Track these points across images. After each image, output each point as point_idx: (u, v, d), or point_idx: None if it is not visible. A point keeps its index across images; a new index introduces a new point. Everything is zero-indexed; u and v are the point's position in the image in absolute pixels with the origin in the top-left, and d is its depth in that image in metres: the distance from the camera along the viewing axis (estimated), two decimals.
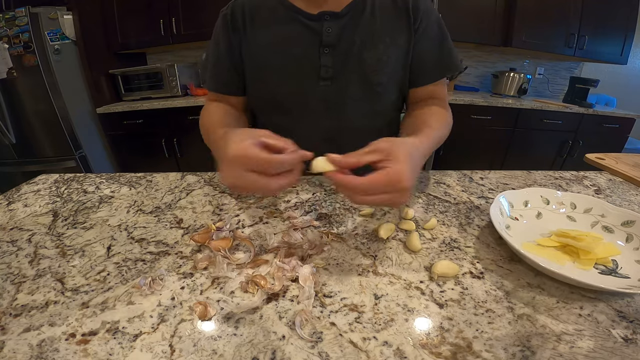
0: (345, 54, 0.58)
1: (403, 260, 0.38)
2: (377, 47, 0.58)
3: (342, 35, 0.57)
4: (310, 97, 0.61)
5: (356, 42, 0.58)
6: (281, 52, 0.59)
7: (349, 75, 0.59)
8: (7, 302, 0.32)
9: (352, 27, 0.58)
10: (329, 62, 0.58)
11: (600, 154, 0.75)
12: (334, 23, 0.57)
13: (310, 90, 0.60)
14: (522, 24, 2.15)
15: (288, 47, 0.59)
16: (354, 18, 0.58)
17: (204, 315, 0.29)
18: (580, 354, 0.26)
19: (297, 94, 0.61)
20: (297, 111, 0.63)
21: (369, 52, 0.58)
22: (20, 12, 1.75)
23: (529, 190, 0.48)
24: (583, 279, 0.30)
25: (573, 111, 2.08)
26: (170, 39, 2.16)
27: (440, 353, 0.26)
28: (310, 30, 0.58)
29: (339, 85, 0.60)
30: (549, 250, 0.39)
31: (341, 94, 0.60)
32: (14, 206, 0.53)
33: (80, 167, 2.10)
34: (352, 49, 0.58)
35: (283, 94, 0.62)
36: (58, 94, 1.92)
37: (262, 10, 0.60)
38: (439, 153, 2.15)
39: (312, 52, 0.58)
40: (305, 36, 0.58)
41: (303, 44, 0.58)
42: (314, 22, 0.57)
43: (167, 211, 0.50)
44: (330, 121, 0.62)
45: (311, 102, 0.61)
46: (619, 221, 0.42)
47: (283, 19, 0.59)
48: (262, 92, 0.64)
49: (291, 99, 0.62)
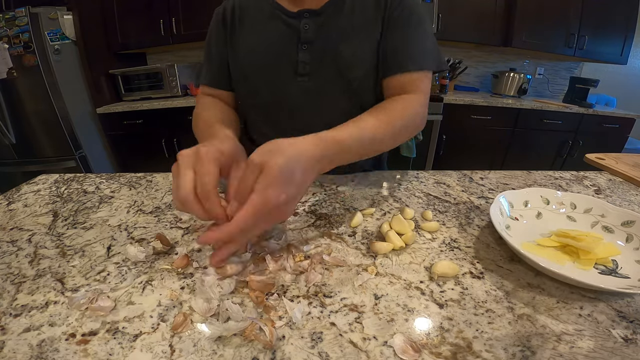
0: (322, 50, 0.59)
1: (403, 260, 0.38)
2: (352, 42, 0.58)
3: (320, 31, 0.59)
4: (288, 93, 0.62)
5: (332, 38, 0.58)
6: (262, 50, 0.61)
7: (325, 71, 0.60)
8: (7, 302, 0.32)
9: (329, 24, 0.59)
10: (306, 58, 0.59)
11: (600, 154, 0.75)
12: (312, 20, 0.59)
13: (288, 86, 0.61)
14: (522, 24, 2.16)
15: (269, 44, 0.61)
16: (332, 15, 0.59)
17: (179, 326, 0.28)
18: (580, 354, 0.26)
19: (276, 90, 0.63)
20: (276, 107, 0.65)
21: (344, 47, 0.58)
22: (20, 12, 1.75)
23: (529, 190, 0.48)
24: (583, 279, 0.30)
25: (573, 111, 2.08)
26: (170, 39, 2.16)
27: (440, 353, 0.26)
28: (290, 28, 0.59)
29: (316, 81, 0.61)
30: (549, 250, 0.39)
31: (319, 90, 0.61)
32: (14, 206, 0.53)
33: (80, 167, 2.10)
34: (328, 45, 0.59)
35: (262, 89, 0.64)
36: (58, 94, 1.92)
37: (250, 9, 0.63)
38: (439, 153, 2.16)
39: (291, 48, 0.60)
40: (285, 33, 0.60)
41: (282, 41, 0.60)
42: (293, 20, 0.59)
43: (167, 211, 0.50)
44: (309, 117, 0.63)
45: (290, 98, 0.63)
46: (619, 221, 0.42)
47: (267, 17, 0.61)
48: (244, 89, 0.67)
49: (271, 95, 0.64)
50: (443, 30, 2.14)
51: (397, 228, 0.42)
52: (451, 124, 2.04)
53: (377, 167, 0.75)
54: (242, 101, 0.70)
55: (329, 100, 0.62)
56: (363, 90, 0.62)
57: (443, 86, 2.25)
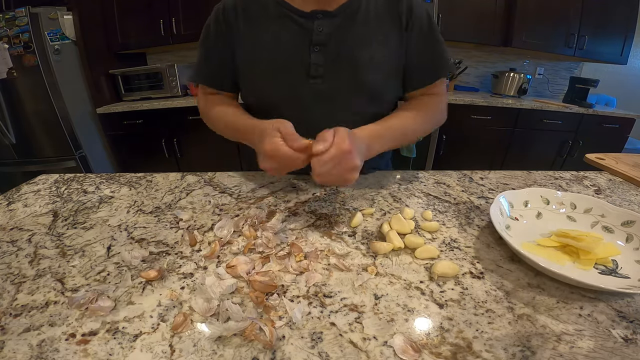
0: (337, 52, 0.58)
1: (403, 261, 0.38)
2: (369, 46, 0.58)
3: (334, 34, 0.58)
4: (300, 94, 0.61)
5: (348, 41, 0.58)
6: (271, 50, 0.59)
7: (340, 74, 0.59)
8: (7, 302, 0.32)
9: (345, 27, 0.58)
10: (319, 60, 0.58)
11: (600, 154, 0.75)
12: (327, 22, 0.57)
13: (300, 87, 0.60)
14: (522, 24, 2.15)
15: (278, 44, 0.59)
16: (347, 17, 0.58)
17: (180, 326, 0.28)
18: (580, 354, 0.26)
19: (287, 91, 0.61)
20: (288, 108, 0.63)
21: (360, 51, 0.58)
22: (20, 12, 1.75)
23: (529, 190, 0.48)
24: (583, 279, 0.30)
25: (573, 111, 2.08)
26: (170, 39, 2.16)
27: (440, 353, 0.26)
28: (301, 28, 0.58)
29: (330, 83, 0.60)
30: (549, 250, 0.39)
31: (332, 92, 0.60)
32: (14, 206, 0.53)
33: (80, 167, 2.10)
34: (343, 48, 0.58)
35: (274, 90, 0.63)
36: (58, 94, 1.92)
37: (253, 6, 0.60)
38: (439, 153, 2.15)
39: (302, 50, 0.58)
40: (296, 34, 0.58)
41: (293, 41, 0.58)
42: (306, 20, 0.58)
43: (167, 211, 0.50)
44: (323, 118, 0.62)
45: (302, 99, 0.61)
46: (618, 221, 0.42)
47: (274, 15, 0.59)
48: (254, 88, 0.65)
49: (282, 96, 0.62)
50: (443, 30, 2.11)
51: (397, 228, 0.42)
52: (451, 124, 2.01)
53: (385, 167, 0.76)
54: (248, 100, 0.68)
55: (342, 102, 0.61)
56: (377, 93, 0.62)
57: None
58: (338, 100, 0.61)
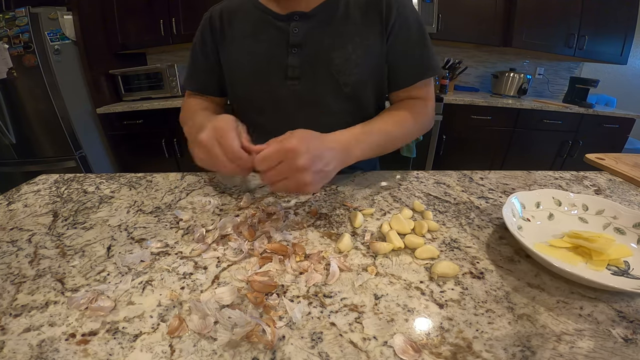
0: (313, 54, 0.58)
1: (403, 261, 0.38)
2: (345, 47, 0.57)
3: (310, 35, 0.58)
4: (280, 97, 0.61)
5: (324, 42, 0.58)
6: (252, 53, 0.60)
7: (316, 75, 0.59)
8: (7, 302, 0.32)
9: (321, 28, 0.58)
10: (295, 62, 0.59)
11: (600, 154, 0.75)
12: (302, 23, 0.58)
13: (279, 89, 0.61)
14: (522, 24, 2.16)
15: (258, 47, 0.60)
16: (324, 18, 0.58)
17: (175, 331, 0.28)
18: (580, 354, 0.26)
19: (268, 93, 0.62)
20: (270, 110, 0.64)
21: (336, 52, 0.57)
22: (20, 12, 1.75)
23: (540, 191, 0.48)
24: (597, 280, 0.30)
25: (573, 111, 2.08)
26: (170, 39, 2.16)
27: (440, 353, 0.26)
28: (279, 31, 0.59)
29: (307, 85, 0.60)
30: (562, 251, 0.39)
31: (310, 94, 0.61)
32: (14, 206, 0.53)
33: (80, 167, 2.10)
34: (319, 49, 0.58)
35: (255, 93, 0.64)
36: (58, 94, 1.92)
37: (238, 14, 0.62)
38: (439, 153, 2.16)
39: (280, 52, 0.59)
40: (274, 36, 0.59)
41: (271, 44, 0.59)
42: (282, 23, 0.58)
43: (167, 211, 0.50)
44: (306, 121, 0.62)
45: (283, 102, 0.62)
46: (630, 223, 0.42)
47: (255, 21, 0.60)
48: (237, 92, 0.67)
49: (263, 98, 0.63)
50: (443, 30, 2.14)
51: (397, 228, 0.42)
52: (451, 124, 2.04)
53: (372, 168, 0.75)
54: (236, 106, 0.70)
55: (321, 104, 0.61)
56: (358, 94, 0.62)
57: (443, 86, 2.25)
58: (317, 101, 0.61)
